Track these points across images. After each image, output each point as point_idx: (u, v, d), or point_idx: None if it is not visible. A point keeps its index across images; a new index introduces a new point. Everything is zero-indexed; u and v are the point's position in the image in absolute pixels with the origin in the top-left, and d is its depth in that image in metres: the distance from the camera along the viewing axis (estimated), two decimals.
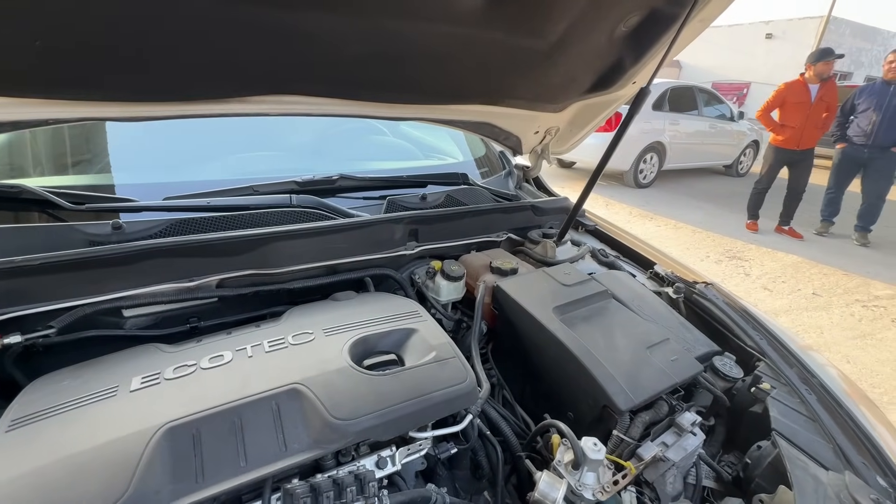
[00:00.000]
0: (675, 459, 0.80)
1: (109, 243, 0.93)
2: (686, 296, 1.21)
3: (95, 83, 0.79)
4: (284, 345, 0.81)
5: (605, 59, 1.15)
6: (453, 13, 0.84)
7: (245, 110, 0.94)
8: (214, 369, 0.75)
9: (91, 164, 1.18)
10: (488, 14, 0.86)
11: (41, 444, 0.61)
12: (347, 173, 1.32)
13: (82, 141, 1.23)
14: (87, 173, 1.17)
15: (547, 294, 1.06)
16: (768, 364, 0.98)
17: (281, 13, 0.74)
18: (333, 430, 0.67)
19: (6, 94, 0.80)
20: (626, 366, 0.87)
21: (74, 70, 0.78)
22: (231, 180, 1.23)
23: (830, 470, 0.74)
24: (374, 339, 0.86)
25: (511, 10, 0.87)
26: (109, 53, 0.75)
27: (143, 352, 0.81)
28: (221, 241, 1.02)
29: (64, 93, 0.82)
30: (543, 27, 0.94)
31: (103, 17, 0.69)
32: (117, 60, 0.77)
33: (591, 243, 1.49)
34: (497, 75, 1.11)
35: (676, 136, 7.49)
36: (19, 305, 0.84)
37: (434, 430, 0.79)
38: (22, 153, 1.25)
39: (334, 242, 1.14)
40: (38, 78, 0.79)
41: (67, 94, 0.82)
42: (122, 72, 0.78)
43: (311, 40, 0.83)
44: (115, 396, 0.69)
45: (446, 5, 0.82)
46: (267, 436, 0.66)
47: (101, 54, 0.75)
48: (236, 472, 0.62)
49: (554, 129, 1.54)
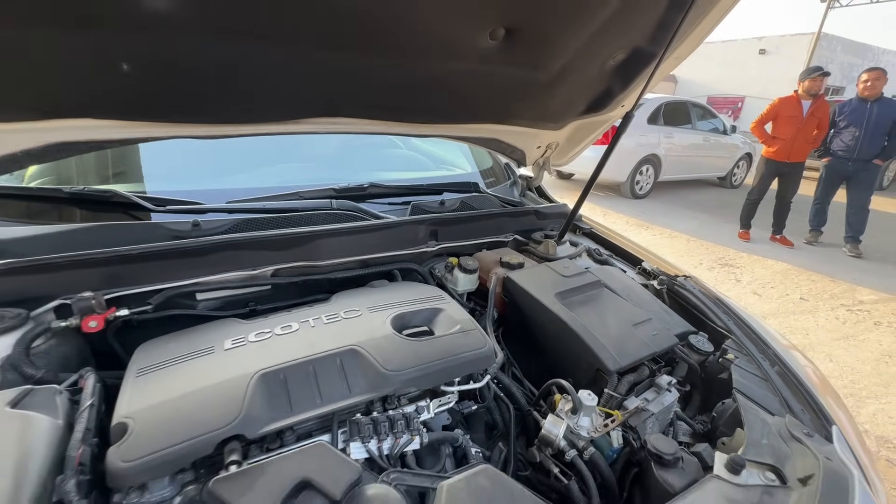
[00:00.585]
0: (654, 411, 0.98)
1: (189, 238, 1.13)
2: (668, 287, 1.41)
3: (192, 111, 1.00)
4: (338, 319, 1.01)
5: (596, 88, 1.37)
6: (472, 54, 1.05)
7: (304, 129, 1.15)
8: (287, 335, 0.94)
9: (164, 173, 1.38)
10: (500, 54, 1.07)
11: (169, 384, 0.80)
12: (376, 181, 1.52)
13: (150, 154, 1.43)
14: (160, 181, 1.38)
15: (549, 283, 1.26)
16: (734, 340, 1.17)
17: (343, 55, 0.95)
18: (385, 379, 0.86)
19: (114, 118, 1.00)
20: (614, 338, 1.07)
21: (174, 100, 0.99)
22: (276, 187, 1.44)
23: (776, 415, 0.94)
24: (410, 316, 1.05)
25: (518, 50, 1.08)
26: (206, 88, 0.96)
27: (225, 323, 1.00)
28: (276, 237, 1.22)
29: (161, 117, 1.03)
30: (545, 63, 1.15)
31: (207, 63, 0.90)
32: (211, 94, 0.97)
33: (587, 244, 1.69)
34: (505, 101, 1.33)
35: (671, 148, 7.75)
36: (121, 287, 1.03)
37: (459, 386, 0.98)
38: (88, 163, 1.45)
39: (368, 240, 1.34)
40: (144, 106, 0.99)
41: (164, 118, 1.03)
42: (215, 102, 0.99)
43: (361, 76, 1.04)
44: (214, 354, 0.88)
45: (467, 48, 1.03)
46: (335, 382, 0.85)
47: (199, 88, 0.96)
48: (314, 406, 0.80)
49: (554, 143, 1.76)
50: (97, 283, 0.99)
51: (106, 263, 1.02)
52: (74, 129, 0.96)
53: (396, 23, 0.90)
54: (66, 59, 0.80)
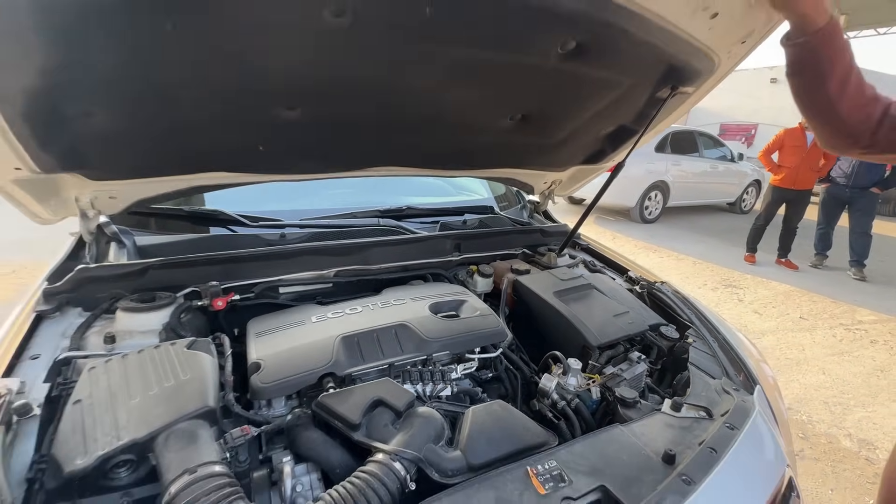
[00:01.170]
0: (626, 377, 1.30)
1: (282, 244, 1.52)
2: (648, 290, 1.73)
3: (291, 169, 1.42)
4: (390, 305, 1.36)
5: (592, 148, 1.77)
6: (496, 130, 1.46)
7: (368, 174, 1.55)
8: (354, 314, 1.30)
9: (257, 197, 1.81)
10: (517, 129, 1.48)
11: (281, 341, 1.16)
12: (412, 205, 1.91)
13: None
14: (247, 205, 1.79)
15: (549, 284, 1.60)
16: (694, 329, 1.49)
17: (406, 133, 1.35)
18: (426, 344, 1.21)
19: (239, 172, 1.41)
20: (597, 323, 1.40)
21: (280, 162, 1.40)
22: (336, 208, 1.83)
23: (716, 378, 1.25)
24: (442, 304, 1.41)
25: (531, 127, 1.49)
26: (309, 157, 1.36)
27: (307, 306, 1.37)
28: (338, 246, 1.60)
29: (269, 172, 1.44)
30: (551, 134, 1.55)
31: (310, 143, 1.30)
32: (312, 161, 1.39)
33: (583, 256, 2.03)
34: (520, 154, 1.73)
35: (679, 175, 8.07)
36: (233, 280, 1.41)
37: (480, 354, 1.32)
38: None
39: (406, 250, 1.71)
40: (261, 166, 1.40)
41: (271, 172, 1.44)
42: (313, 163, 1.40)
43: (415, 141, 1.44)
44: (304, 325, 1.25)
45: (493, 127, 1.44)
46: (392, 344, 1.19)
47: (303, 158, 1.36)
48: (378, 358, 1.15)
49: (558, 181, 2.14)
50: (217, 277, 1.38)
51: (223, 262, 1.41)
52: (210, 178, 1.38)
53: (446, 113, 1.31)
54: (216, 142, 1.23)
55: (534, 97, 1.34)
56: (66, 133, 1.07)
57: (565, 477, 0.85)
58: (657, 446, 0.96)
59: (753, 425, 1.01)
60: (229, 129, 1.19)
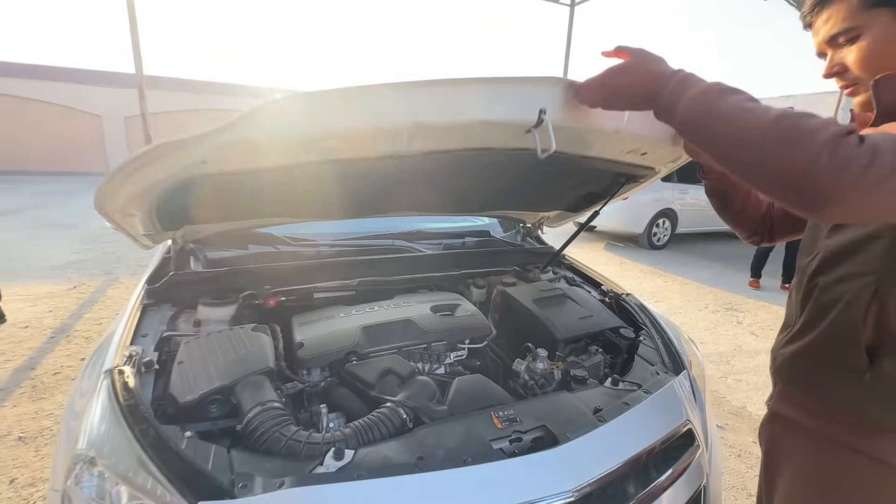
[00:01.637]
0: (585, 364, 1.65)
1: (316, 259, 1.94)
2: (615, 300, 2.08)
3: (335, 215, 1.85)
4: (400, 306, 1.75)
5: (570, 203, 2.17)
6: (489, 193, 1.88)
7: (391, 215, 1.98)
8: (372, 312, 1.69)
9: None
10: (510, 191, 1.89)
11: (318, 328, 1.56)
12: (420, 229, 2.33)
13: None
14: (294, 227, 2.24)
15: (531, 293, 1.96)
16: (645, 329, 1.82)
17: (421, 197, 1.78)
18: (427, 332, 1.59)
19: (294, 216, 1.85)
20: (564, 323, 1.75)
21: (327, 210, 1.83)
22: (359, 231, 2.26)
23: (653, 365, 1.58)
24: (440, 306, 1.79)
25: (518, 194, 1.90)
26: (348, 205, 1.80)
27: (337, 306, 1.77)
28: (361, 261, 2.01)
29: (317, 217, 1.88)
30: (535, 196, 1.97)
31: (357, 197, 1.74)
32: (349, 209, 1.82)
33: (564, 273, 2.39)
34: (511, 204, 2.15)
35: (686, 203, 8.34)
36: (280, 286, 1.83)
37: (469, 345, 1.68)
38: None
39: (415, 265, 2.11)
40: (312, 213, 1.84)
41: (318, 217, 1.88)
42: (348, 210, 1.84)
43: (428, 199, 1.86)
44: (334, 318, 1.64)
45: (485, 192, 1.85)
46: (399, 332, 1.58)
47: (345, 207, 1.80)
48: (389, 342, 1.53)
49: (546, 217, 2.53)
50: (269, 282, 1.80)
51: (273, 272, 1.84)
52: (272, 222, 1.83)
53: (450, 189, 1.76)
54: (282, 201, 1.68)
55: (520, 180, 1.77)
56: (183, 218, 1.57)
57: (518, 419, 1.21)
58: (591, 405, 1.30)
59: (664, 391, 1.35)
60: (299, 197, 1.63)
